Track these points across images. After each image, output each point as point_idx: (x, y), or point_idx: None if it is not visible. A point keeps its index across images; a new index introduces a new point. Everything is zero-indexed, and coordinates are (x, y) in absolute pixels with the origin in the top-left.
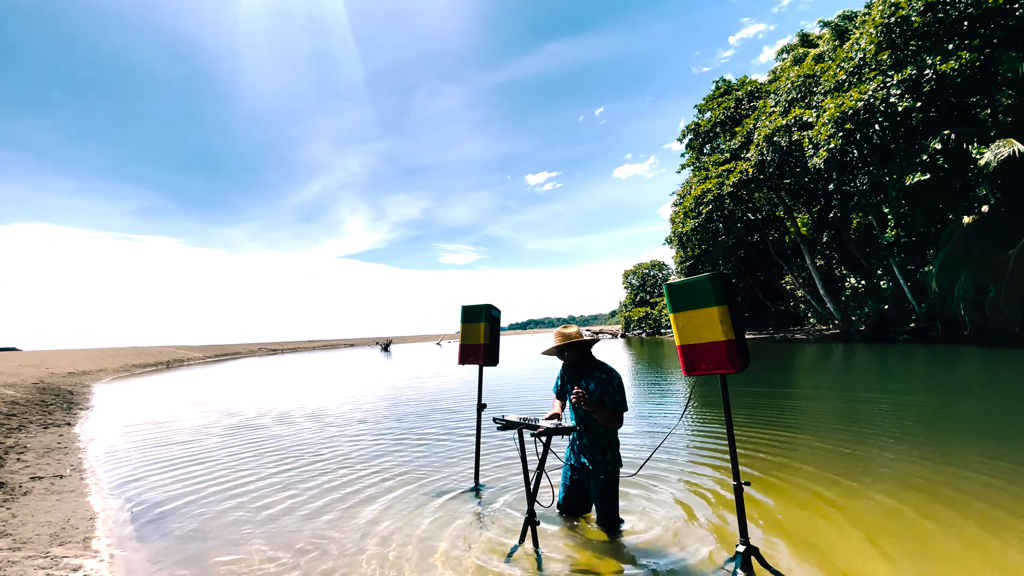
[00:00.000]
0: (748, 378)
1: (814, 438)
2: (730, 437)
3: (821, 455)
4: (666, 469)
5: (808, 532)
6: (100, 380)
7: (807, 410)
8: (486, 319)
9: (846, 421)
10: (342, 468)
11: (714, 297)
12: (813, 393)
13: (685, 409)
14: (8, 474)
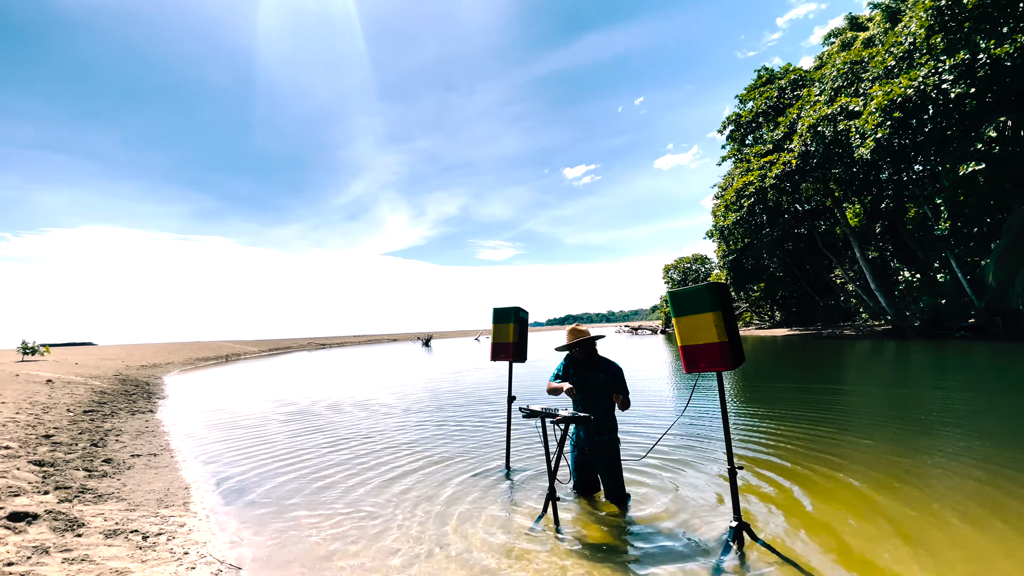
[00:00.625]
0: (787, 374)
1: (860, 436)
2: (725, 426)
3: (865, 453)
4: (675, 455)
5: (837, 526)
6: (169, 372)
7: (849, 407)
8: (515, 320)
9: (892, 419)
10: (388, 449)
11: (710, 304)
12: (858, 389)
13: (688, 402)
14: (112, 452)
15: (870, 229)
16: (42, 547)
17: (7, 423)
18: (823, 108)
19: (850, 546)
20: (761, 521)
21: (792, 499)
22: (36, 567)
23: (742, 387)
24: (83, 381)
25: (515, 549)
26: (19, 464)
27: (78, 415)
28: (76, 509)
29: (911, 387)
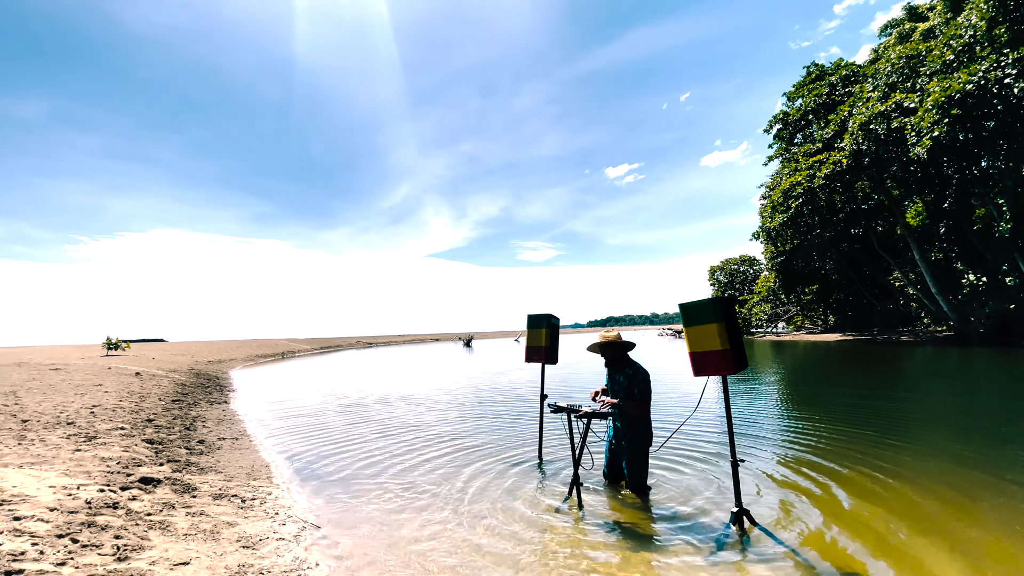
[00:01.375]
0: (829, 380)
1: (904, 442)
2: (729, 424)
3: (909, 461)
4: (690, 450)
5: (853, 525)
6: (233, 367)
7: (898, 416)
8: (547, 326)
9: (933, 427)
10: (432, 438)
11: (714, 316)
12: (909, 397)
13: (698, 403)
14: (202, 435)
15: (933, 229)
16: (169, 503)
17: (116, 409)
18: (876, 105)
19: (847, 538)
20: (789, 512)
21: (823, 496)
22: (168, 517)
23: (790, 392)
24: (165, 374)
25: (542, 523)
26: (136, 442)
27: (168, 404)
28: (187, 478)
29: (968, 396)
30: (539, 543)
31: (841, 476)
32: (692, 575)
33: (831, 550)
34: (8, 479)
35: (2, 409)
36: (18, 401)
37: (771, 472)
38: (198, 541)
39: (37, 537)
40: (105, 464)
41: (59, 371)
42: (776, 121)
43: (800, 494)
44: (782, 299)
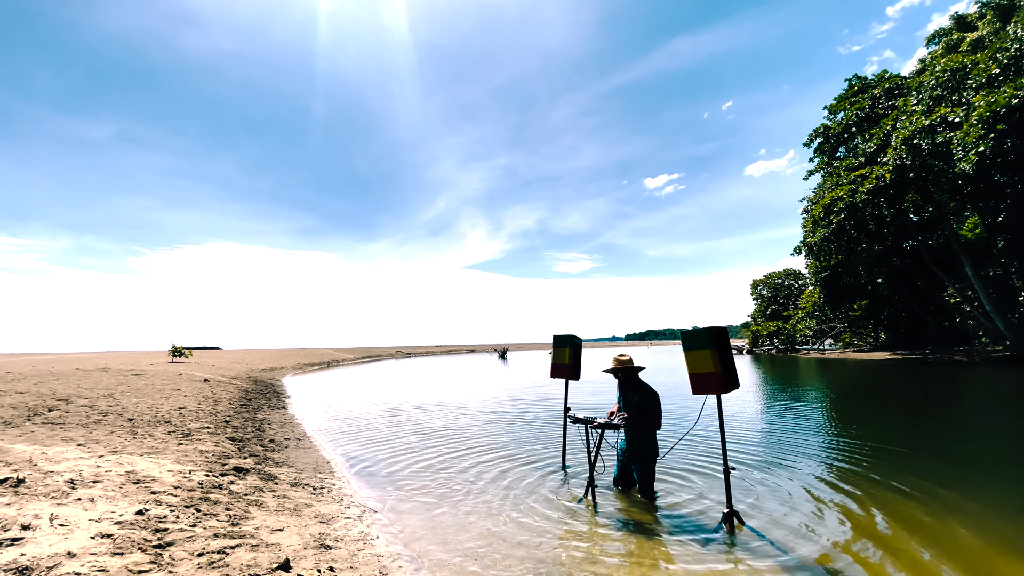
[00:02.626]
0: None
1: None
2: (723, 440)
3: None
4: (691, 461)
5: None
6: (284, 375)
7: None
8: (570, 345)
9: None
10: (467, 442)
11: (709, 343)
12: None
13: (698, 418)
14: (271, 435)
15: (991, 243)
16: (259, 487)
17: (198, 411)
18: (921, 119)
19: (826, 541)
20: (778, 513)
21: (829, 506)
22: (260, 497)
23: (821, 412)
24: (228, 381)
25: (559, 517)
26: (222, 439)
27: (237, 408)
28: (267, 469)
29: (994, 418)
30: (557, 533)
31: (855, 494)
32: (687, 562)
33: (815, 549)
34: (137, 465)
35: (109, 409)
36: (118, 403)
37: (782, 483)
38: (286, 515)
39: (172, 506)
40: (204, 456)
41: (140, 376)
42: (817, 135)
43: (810, 503)
44: (828, 315)
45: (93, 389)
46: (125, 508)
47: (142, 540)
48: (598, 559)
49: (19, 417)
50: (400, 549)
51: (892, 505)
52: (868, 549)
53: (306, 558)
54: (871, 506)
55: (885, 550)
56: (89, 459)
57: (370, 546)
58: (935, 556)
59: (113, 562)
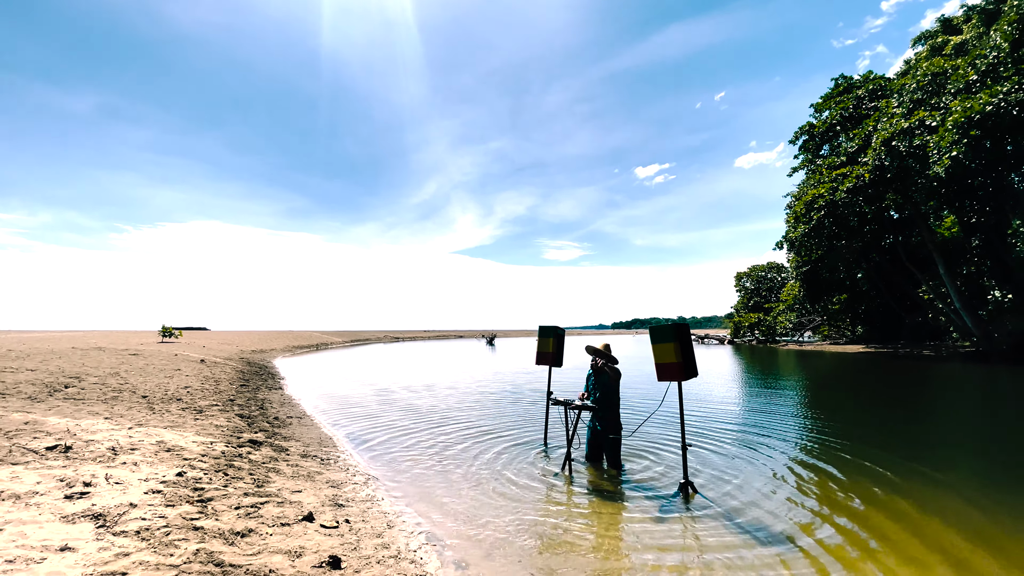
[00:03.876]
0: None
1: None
2: (681, 418)
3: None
4: (656, 440)
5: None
6: (275, 357)
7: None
8: (554, 336)
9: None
10: (455, 421)
11: (672, 337)
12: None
13: (661, 402)
14: (275, 413)
15: (967, 242)
16: (273, 457)
17: (203, 390)
18: (900, 121)
19: (771, 508)
20: (712, 481)
21: (760, 480)
22: (276, 465)
23: (792, 398)
24: (224, 362)
25: (540, 487)
26: (231, 416)
27: (238, 388)
28: (278, 442)
29: (955, 411)
30: (538, 500)
31: (813, 470)
32: (647, 524)
33: (755, 512)
34: (164, 436)
35: (120, 387)
36: (126, 381)
37: (748, 460)
38: (301, 480)
39: (204, 471)
40: (220, 429)
41: (138, 356)
42: (803, 132)
43: (767, 476)
44: (808, 308)
45: (98, 368)
46: (165, 471)
47: (187, 495)
48: (573, 520)
49: (41, 392)
50: (403, 508)
51: (846, 481)
52: (809, 515)
53: (325, 512)
54: (828, 481)
55: (824, 518)
56: (120, 431)
57: (377, 505)
58: (879, 524)
59: (168, 511)
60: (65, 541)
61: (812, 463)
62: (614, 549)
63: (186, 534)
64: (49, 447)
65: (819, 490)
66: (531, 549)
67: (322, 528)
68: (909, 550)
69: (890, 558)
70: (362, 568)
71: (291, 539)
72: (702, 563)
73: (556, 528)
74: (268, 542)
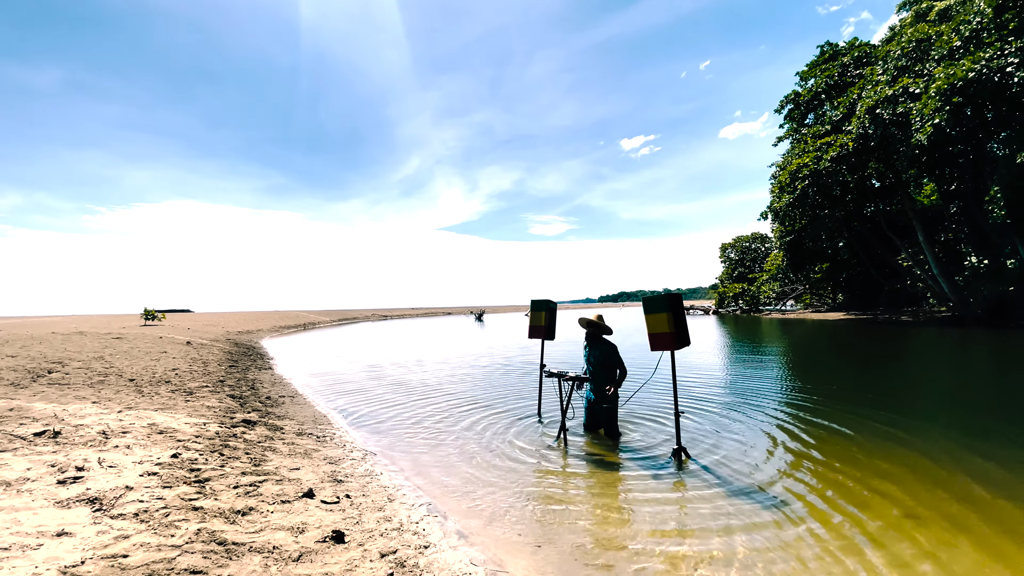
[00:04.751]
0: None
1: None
2: (674, 387)
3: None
4: (650, 409)
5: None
6: (262, 337)
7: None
8: (546, 309)
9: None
10: (449, 396)
11: (666, 307)
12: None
13: (654, 371)
14: (267, 393)
15: (945, 209)
16: (269, 436)
17: (191, 372)
18: (884, 89)
19: (765, 470)
20: (712, 449)
21: (754, 442)
22: (272, 444)
23: (775, 364)
24: (210, 343)
25: (536, 458)
26: (222, 396)
27: (227, 368)
28: (272, 421)
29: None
30: (534, 469)
31: (790, 430)
32: (642, 489)
33: (748, 476)
34: (155, 418)
35: (106, 371)
36: (111, 365)
37: (736, 425)
38: (298, 458)
39: (199, 451)
40: (212, 411)
41: (121, 340)
42: (788, 101)
43: (758, 440)
44: (791, 277)
45: (80, 352)
46: (159, 453)
47: (183, 476)
48: (568, 489)
49: (24, 379)
50: (402, 481)
51: (828, 442)
52: (801, 478)
53: (324, 488)
54: (811, 444)
55: (816, 478)
56: (109, 414)
57: (376, 480)
58: (860, 484)
59: (166, 493)
60: (62, 526)
61: (804, 426)
62: (610, 515)
63: (186, 514)
64: (37, 433)
65: (811, 452)
66: (530, 517)
67: (323, 504)
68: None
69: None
70: (366, 541)
71: (293, 515)
72: (698, 527)
73: (553, 496)
74: (270, 519)
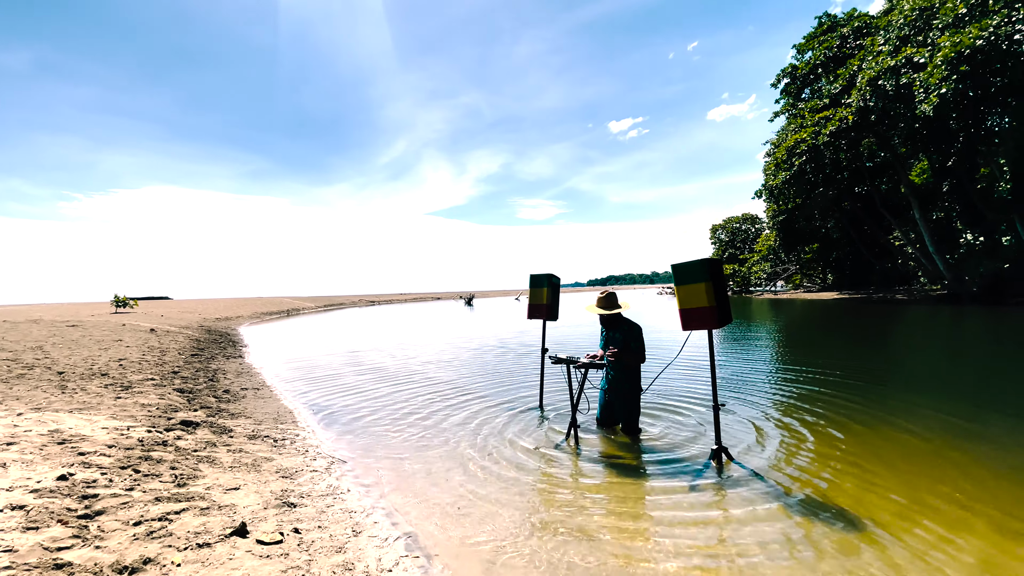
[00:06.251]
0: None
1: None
2: (712, 375)
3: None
4: (677, 399)
5: (822, 459)
6: (241, 324)
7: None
8: (548, 285)
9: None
10: (440, 388)
11: (703, 276)
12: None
13: (679, 352)
14: (226, 385)
15: (937, 188)
16: (211, 442)
17: (142, 362)
18: (886, 59)
19: (817, 472)
20: (755, 446)
21: (792, 437)
22: (212, 453)
23: (776, 347)
24: (178, 331)
25: (540, 465)
26: (168, 391)
27: (188, 357)
28: (221, 421)
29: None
30: (541, 477)
31: (808, 420)
32: (676, 506)
33: (806, 485)
34: (64, 422)
35: (35, 363)
36: (47, 355)
37: (751, 416)
38: (243, 472)
39: (104, 468)
40: (146, 410)
41: (77, 328)
42: (784, 75)
43: (777, 432)
44: (782, 258)
45: (20, 342)
46: (44, 473)
47: (63, 510)
48: (588, 509)
49: None
50: (374, 502)
51: (892, 439)
52: (877, 498)
53: (266, 519)
54: (832, 431)
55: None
56: (5, 418)
57: (340, 501)
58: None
59: (24, 539)
60: None
61: (857, 417)
62: (645, 546)
63: None
64: None
65: (864, 450)
66: (544, 558)
67: (259, 545)
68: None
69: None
70: None
71: (208, 570)
72: (768, 560)
73: (570, 523)
74: None
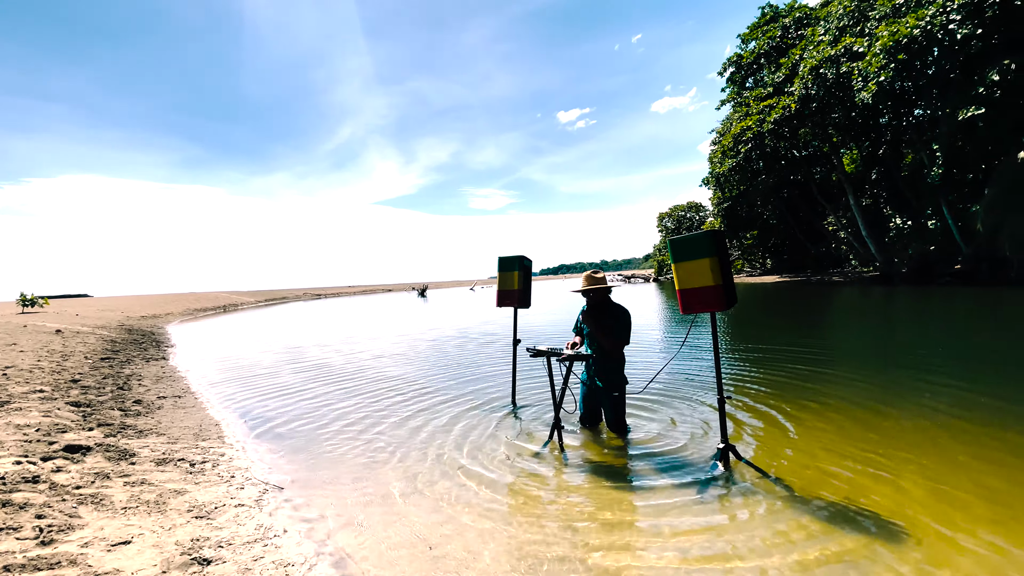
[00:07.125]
0: (775, 319)
1: (836, 371)
2: (716, 362)
3: (842, 388)
4: (670, 392)
5: (814, 449)
6: (170, 322)
7: (822, 349)
8: (519, 268)
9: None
10: (397, 388)
11: (709, 250)
12: (835, 333)
13: (683, 342)
14: (139, 394)
15: (866, 175)
16: (103, 473)
17: (33, 369)
18: (827, 49)
19: (825, 465)
20: (747, 444)
21: (778, 426)
22: (102, 489)
23: (734, 331)
24: (91, 331)
25: (525, 468)
26: (58, 405)
27: (96, 362)
28: (123, 442)
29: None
30: (522, 490)
31: (784, 406)
32: (681, 515)
33: (820, 485)
34: None
35: None
36: None
37: (713, 403)
38: (140, 515)
39: None
40: (21, 432)
41: None
42: (729, 64)
43: (747, 425)
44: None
45: None
46: None
47: None
48: (579, 529)
49: None
50: (317, 548)
51: (907, 429)
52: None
53: None
54: (884, 431)
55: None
56: None
57: (273, 549)
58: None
59: None
60: None
61: (785, 397)
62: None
63: None
64: None
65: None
66: None
67: None
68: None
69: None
70: None
71: None
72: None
73: (559, 552)
74: None
